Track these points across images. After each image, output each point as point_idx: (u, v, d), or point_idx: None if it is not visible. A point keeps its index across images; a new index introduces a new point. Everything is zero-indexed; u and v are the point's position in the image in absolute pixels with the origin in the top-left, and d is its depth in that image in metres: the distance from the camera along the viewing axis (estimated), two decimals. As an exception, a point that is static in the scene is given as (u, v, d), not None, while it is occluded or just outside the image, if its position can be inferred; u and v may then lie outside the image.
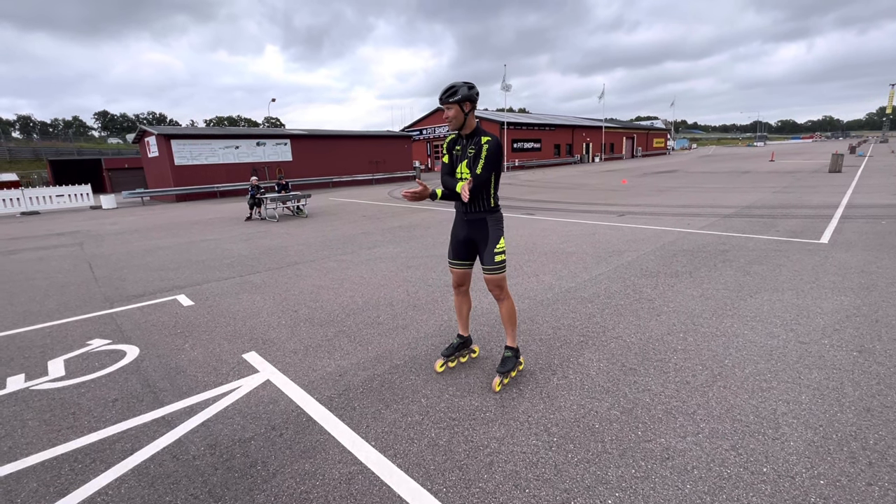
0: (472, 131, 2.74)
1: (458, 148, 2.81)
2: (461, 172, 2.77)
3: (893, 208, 8.99)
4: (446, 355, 3.09)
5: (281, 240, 9.00)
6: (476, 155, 2.67)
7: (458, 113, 2.65)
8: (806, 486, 1.92)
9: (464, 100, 2.62)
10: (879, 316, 3.68)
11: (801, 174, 18.44)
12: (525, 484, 2.00)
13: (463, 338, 3.15)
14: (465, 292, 3.09)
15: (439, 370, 3.05)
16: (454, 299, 3.16)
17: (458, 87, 2.62)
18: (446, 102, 2.63)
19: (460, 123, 2.69)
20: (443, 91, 2.64)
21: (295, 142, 25.62)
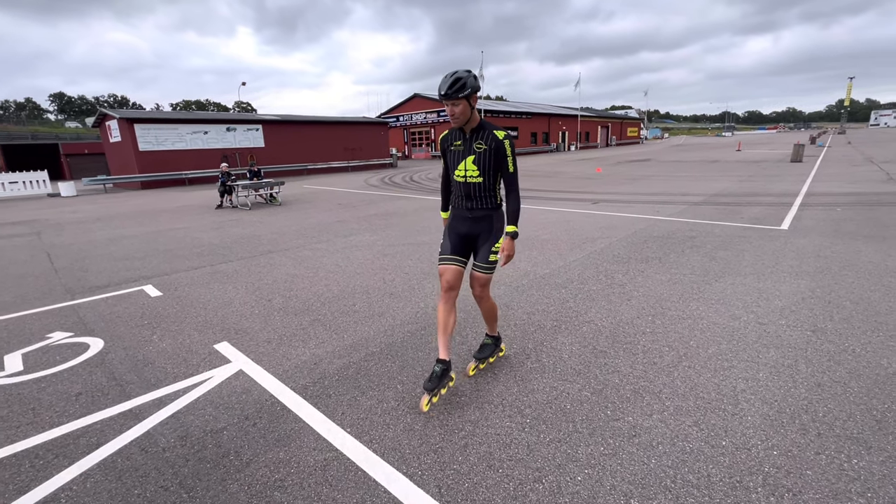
0: (476, 125, 2.48)
1: (458, 143, 2.53)
2: (466, 170, 2.51)
3: (848, 196, 9.47)
4: (430, 389, 2.44)
5: (253, 228, 8.78)
6: (493, 153, 2.44)
7: (465, 108, 2.36)
8: (761, 457, 2.04)
9: (472, 93, 2.34)
10: (832, 298, 3.89)
11: (765, 164, 19.16)
12: (498, 464, 2.05)
13: (445, 363, 2.52)
14: (454, 301, 2.62)
15: (426, 409, 2.46)
16: (440, 309, 2.59)
17: (465, 78, 2.31)
18: (454, 98, 2.30)
19: (467, 119, 2.42)
20: (447, 85, 2.30)
21: (267, 127, 24.87)
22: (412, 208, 10.61)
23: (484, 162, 2.48)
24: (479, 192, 2.55)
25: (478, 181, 2.53)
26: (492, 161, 2.48)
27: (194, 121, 22.71)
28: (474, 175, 2.52)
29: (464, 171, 2.54)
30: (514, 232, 2.54)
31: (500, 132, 2.47)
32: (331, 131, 27.74)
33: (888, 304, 3.71)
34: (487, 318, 2.89)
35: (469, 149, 2.50)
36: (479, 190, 2.54)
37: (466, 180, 2.55)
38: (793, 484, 1.87)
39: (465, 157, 2.51)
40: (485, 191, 2.55)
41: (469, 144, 2.50)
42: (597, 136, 56.28)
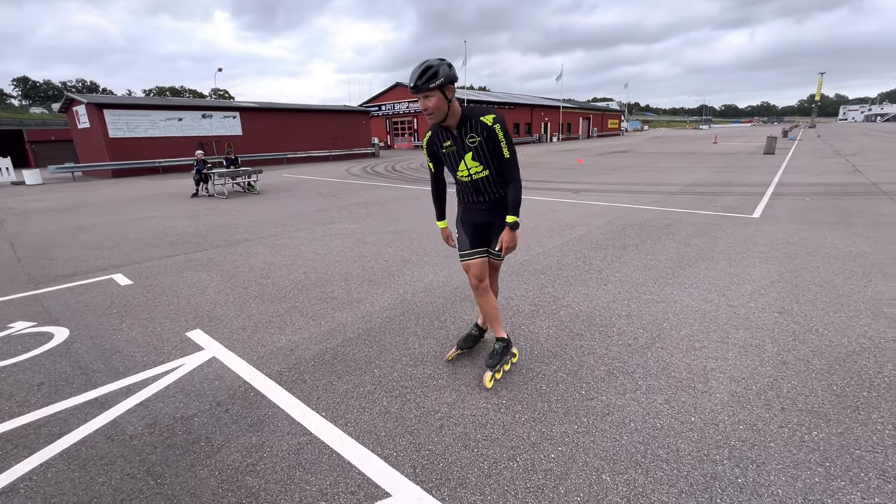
0: (460, 118, 2.25)
1: (448, 143, 2.33)
2: (468, 168, 2.34)
3: (816, 186, 9.79)
4: (492, 366, 2.54)
5: (230, 217, 8.57)
6: (487, 142, 2.25)
7: (440, 101, 2.13)
8: (728, 431, 2.10)
9: (446, 83, 2.10)
10: (798, 281, 4.03)
11: (739, 155, 19.63)
12: (473, 444, 2.06)
13: (504, 340, 2.64)
14: (486, 288, 2.55)
15: (489, 385, 2.50)
16: (478, 302, 2.60)
17: (436, 66, 2.07)
18: (426, 90, 2.08)
19: (444, 113, 2.19)
20: (416, 75, 2.08)
21: (245, 115, 24.22)
22: (393, 197, 10.52)
23: (484, 154, 2.29)
24: (489, 185, 2.39)
25: (484, 175, 2.35)
26: (492, 149, 2.28)
27: (168, 107, 21.95)
28: (479, 170, 2.33)
29: (466, 170, 2.35)
30: (515, 222, 2.33)
31: (487, 117, 2.23)
32: (312, 120, 27.20)
33: (850, 286, 3.86)
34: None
35: (463, 146, 2.29)
36: (487, 183, 2.38)
37: (472, 178, 2.38)
38: (756, 456, 1.93)
39: (463, 156, 2.32)
40: (493, 181, 2.38)
41: (461, 141, 2.29)
42: (578, 128, 56.69)
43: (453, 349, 2.85)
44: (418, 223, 7.25)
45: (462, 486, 1.82)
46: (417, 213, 8.23)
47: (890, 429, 2.07)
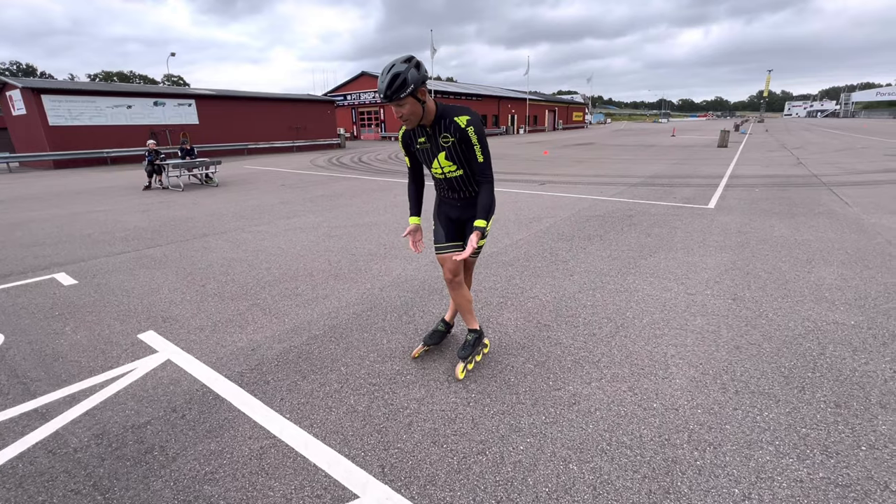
0: (435, 116, 2.18)
1: (423, 140, 2.28)
2: (441, 167, 2.30)
3: (765, 178, 10.35)
4: (464, 357, 2.56)
5: (187, 210, 8.15)
6: (460, 143, 2.18)
7: (413, 106, 2.07)
8: (687, 415, 2.18)
9: (417, 87, 2.02)
10: (750, 269, 4.24)
11: (695, 148, 20.49)
12: (443, 440, 2.05)
13: (477, 331, 2.66)
14: (461, 283, 2.51)
15: (461, 376, 2.52)
16: (451, 295, 2.57)
17: (404, 72, 1.98)
18: (397, 99, 2.01)
19: (420, 117, 2.13)
20: (386, 84, 1.98)
21: (202, 103, 23.02)
22: (360, 189, 10.31)
23: (457, 154, 2.23)
24: (463, 184, 2.36)
25: (458, 174, 2.31)
26: (464, 151, 2.22)
27: (116, 93, 20.52)
28: (452, 170, 2.30)
29: (440, 168, 2.32)
30: (483, 228, 2.22)
31: (461, 118, 2.14)
32: (274, 109, 26.21)
33: (795, 273, 4.10)
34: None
35: (436, 145, 2.24)
36: (462, 182, 2.35)
37: (446, 176, 2.35)
38: (713, 438, 2.02)
39: (437, 155, 2.27)
40: (468, 179, 2.33)
41: (435, 140, 2.23)
42: (545, 120, 57.49)
43: (419, 346, 2.81)
44: (386, 216, 7.14)
45: (431, 483, 1.81)
46: (385, 205, 8.11)
47: (832, 407, 2.22)
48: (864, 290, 3.68)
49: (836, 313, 3.26)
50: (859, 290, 3.68)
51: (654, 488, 1.75)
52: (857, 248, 4.80)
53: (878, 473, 1.79)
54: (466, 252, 2.16)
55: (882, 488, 1.72)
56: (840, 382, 2.42)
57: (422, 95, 2.08)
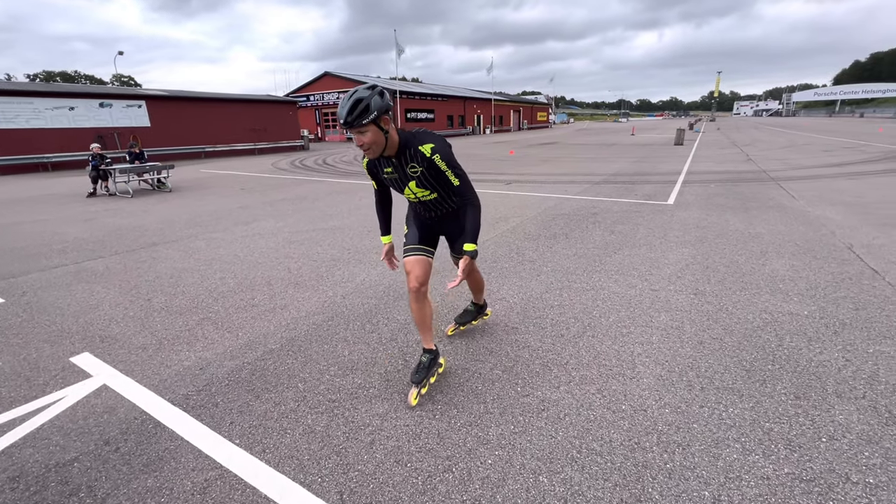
0: (399, 147, 2.06)
1: (389, 170, 2.16)
2: (415, 193, 2.22)
3: (718, 174, 10.79)
4: (418, 381, 2.33)
5: (135, 218, 7.64)
6: (429, 172, 2.10)
7: (375, 135, 1.94)
8: (655, 416, 2.15)
9: (380, 115, 1.91)
10: (709, 263, 4.34)
11: (654, 146, 21.23)
12: (407, 458, 1.93)
13: (432, 352, 2.46)
14: (426, 295, 2.40)
15: (414, 403, 2.29)
16: (413, 308, 2.40)
17: (367, 98, 1.87)
18: (359, 126, 1.90)
19: (382, 147, 2.00)
20: (347, 110, 1.87)
21: (153, 104, 21.84)
22: (324, 192, 10.01)
23: (428, 181, 2.15)
24: (439, 204, 2.31)
25: (433, 198, 2.26)
26: (435, 178, 2.14)
27: (56, 94, 19.16)
28: (426, 195, 2.23)
29: (413, 194, 2.24)
30: (474, 251, 2.12)
31: (425, 147, 2.03)
32: (233, 110, 25.21)
33: (751, 265, 4.23)
34: (474, 290, 2.89)
35: (404, 174, 2.14)
36: (437, 203, 2.30)
37: (421, 200, 2.28)
38: (682, 439, 1.99)
39: (407, 183, 2.18)
40: (444, 200, 2.29)
41: (402, 170, 2.13)
42: (510, 120, 58.23)
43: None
44: (351, 219, 6.93)
45: (394, 507, 1.68)
46: (350, 208, 7.88)
47: (792, 399, 2.25)
48: (814, 280, 3.82)
49: (791, 304, 3.36)
50: (810, 280, 3.82)
51: (625, 497, 1.69)
52: (805, 240, 5.02)
53: (839, 465, 1.81)
54: (457, 281, 2.10)
55: (844, 480, 1.73)
56: (798, 373, 2.46)
57: (385, 124, 1.96)
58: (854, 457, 1.85)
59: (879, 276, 3.85)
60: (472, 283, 2.83)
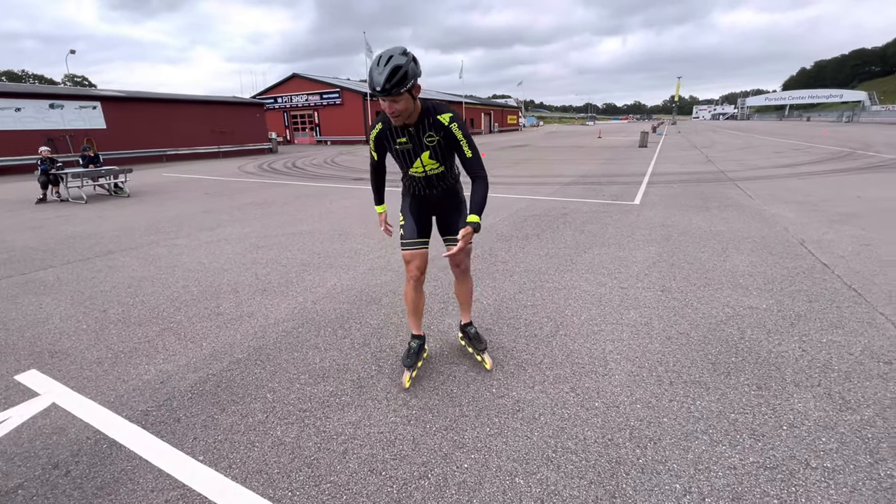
0: (420, 115, 2.09)
1: (403, 140, 2.16)
2: (424, 165, 2.24)
3: (681, 175, 11.22)
4: (410, 365, 2.46)
5: (89, 225, 7.22)
6: (446, 141, 2.14)
7: (408, 103, 1.96)
8: (627, 412, 2.19)
9: (413, 85, 1.92)
10: (674, 260, 4.49)
11: (620, 148, 21.88)
12: (381, 467, 1.88)
13: (420, 338, 2.61)
14: (422, 284, 2.52)
15: (408, 385, 2.42)
16: (409, 295, 2.48)
17: (404, 65, 1.85)
18: (395, 94, 1.88)
19: (409, 112, 2.01)
20: (385, 77, 1.84)
21: (109, 105, 20.77)
22: (293, 195, 9.78)
23: (441, 153, 2.20)
24: (441, 179, 2.35)
25: (439, 171, 2.30)
26: (447, 149, 2.21)
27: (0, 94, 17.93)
28: (434, 167, 2.26)
29: (422, 167, 2.25)
30: (477, 223, 2.08)
31: (443, 116, 2.10)
32: (197, 112, 24.28)
33: (713, 262, 4.39)
34: (466, 300, 2.66)
35: (420, 144, 2.16)
36: (441, 177, 2.34)
37: (427, 174, 2.30)
38: (653, 433, 2.03)
39: (420, 154, 2.19)
40: (446, 175, 2.35)
41: (418, 139, 2.15)
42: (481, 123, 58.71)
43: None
44: (321, 223, 6.79)
45: (369, 518, 1.64)
46: (321, 212, 7.72)
47: (754, 389, 2.33)
48: (771, 274, 4.01)
49: (751, 298, 3.50)
50: (767, 275, 4.00)
51: (600, 494, 1.71)
52: (761, 237, 5.26)
53: (799, 452, 1.89)
54: (459, 246, 2.07)
55: (804, 466, 1.81)
56: (759, 365, 2.57)
57: (416, 92, 1.98)
58: (812, 443, 1.94)
59: (829, 270, 4.08)
60: (466, 289, 2.62)
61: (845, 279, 3.83)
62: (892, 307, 3.26)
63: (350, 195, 9.63)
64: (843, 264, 4.21)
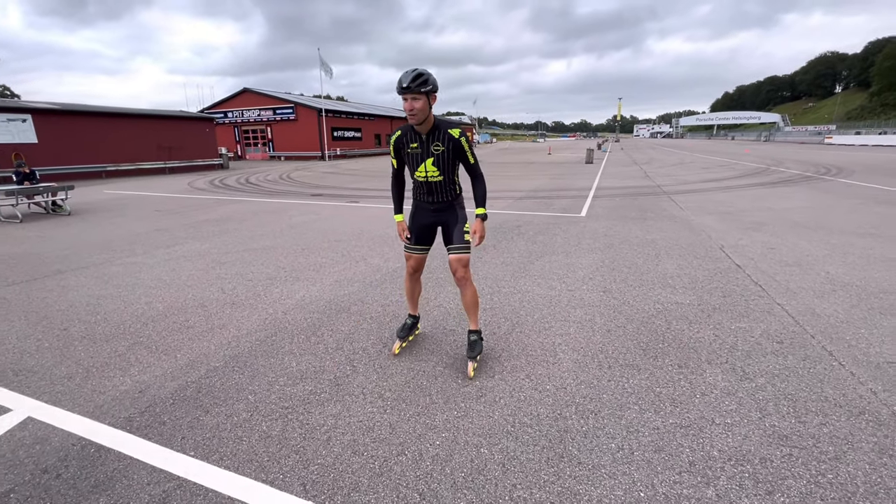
0: (432, 126, 2.53)
1: (415, 146, 2.58)
2: (426, 171, 2.62)
3: (622, 189, 12.20)
4: (402, 336, 3.07)
5: (30, 245, 6.86)
6: (451, 152, 2.56)
7: (425, 105, 2.39)
8: (573, 392, 2.55)
9: (433, 90, 2.38)
10: (615, 265, 5.03)
11: (568, 164, 23.21)
12: (363, 448, 2.12)
13: (415, 317, 3.17)
14: (419, 277, 3.08)
15: (397, 352, 3.01)
16: (407, 284, 3.07)
17: (427, 75, 2.35)
18: (415, 92, 2.32)
19: (425, 117, 2.44)
20: (410, 78, 2.31)
21: (42, 119, 19.43)
22: (250, 211, 9.69)
23: (443, 162, 2.59)
24: (441, 189, 2.70)
25: (438, 180, 2.66)
26: (450, 159, 2.60)
27: None
28: (435, 175, 2.64)
29: (424, 172, 2.64)
30: (484, 214, 2.71)
31: (454, 130, 2.55)
32: (139, 126, 23.17)
33: (647, 266, 4.97)
34: (471, 307, 2.84)
35: (427, 151, 2.56)
36: (440, 187, 2.69)
37: (428, 180, 2.67)
38: (594, 407, 2.40)
39: (425, 160, 2.59)
40: (446, 186, 2.70)
41: (426, 147, 2.56)
42: (437, 140, 59.76)
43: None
44: (283, 238, 6.86)
45: (355, 489, 1.87)
46: (281, 227, 7.77)
47: (676, 368, 2.78)
48: (695, 275, 4.62)
49: (677, 295, 4.05)
50: (691, 275, 4.61)
51: (551, 455, 2.04)
52: (689, 243, 5.97)
53: (707, 413, 2.32)
54: (479, 235, 2.67)
55: (710, 423, 2.24)
56: (681, 348, 3.04)
57: (433, 101, 2.45)
58: (718, 405, 2.38)
59: (741, 270, 4.75)
60: (469, 296, 2.82)
61: (753, 277, 4.50)
62: (786, 298, 3.90)
63: (310, 210, 9.70)
64: (752, 265, 4.91)
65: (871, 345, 3.03)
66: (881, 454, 1.99)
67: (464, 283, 2.81)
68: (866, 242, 5.79)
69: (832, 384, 2.57)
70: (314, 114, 34.93)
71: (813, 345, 3.06)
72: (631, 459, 2.01)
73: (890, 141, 39.78)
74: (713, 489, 1.83)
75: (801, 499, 1.77)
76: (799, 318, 3.50)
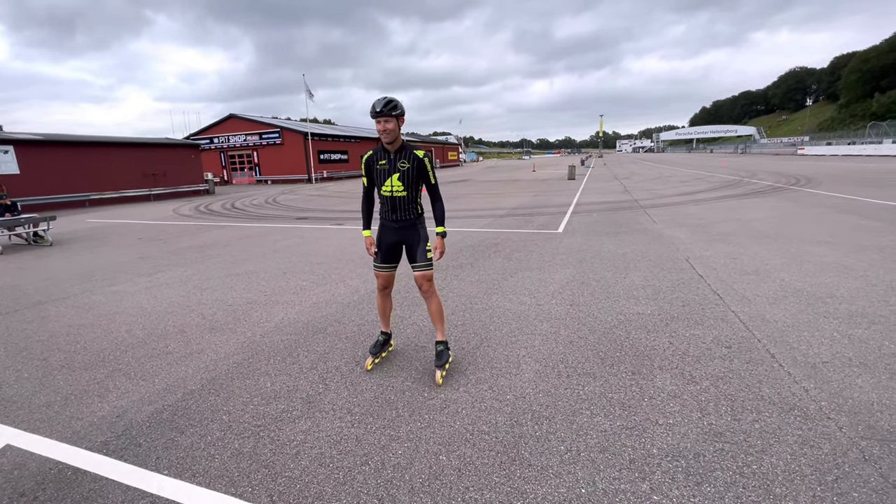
0: (400, 146, 2.90)
1: (384, 162, 2.91)
2: (392, 186, 2.91)
3: (601, 205, 12.58)
4: (375, 353, 3.25)
5: (10, 277, 6.88)
6: (415, 170, 2.89)
7: (395, 126, 2.79)
8: (531, 400, 2.72)
9: (401, 114, 2.81)
10: (585, 279, 5.25)
11: (551, 181, 23.75)
12: (329, 461, 2.25)
13: (387, 334, 3.37)
14: (389, 294, 3.29)
15: (369, 368, 3.19)
16: (378, 301, 3.29)
17: (396, 101, 2.78)
18: (387, 115, 2.74)
19: (395, 137, 2.84)
20: (383, 103, 2.74)
21: (24, 150, 19.44)
22: (234, 237, 9.80)
23: (408, 178, 2.90)
24: (405, 205, 2.97)
25: (403, 195, 2.94)
26: (414, 177, 2.92)
27: None
28: (399, 190, 2.92)
29: (390, 186, 2.93)
30: (444, 232, 3.06)
31: (419, 152, 2.92)
32: (123, 154, 23.25)
33: (615, 279, 5.20)
34: (436, 318, 3.12)
35: (394, 167, 2.89)
36: (404, 202, 2.96)
37: (393, 195, 2.94)
38: (549, 413, 2.57)
39: (391, 175, 2.91)
40: (409, 203, 2.98)
41: (394, 163, 2.89)
42: (424, 160, 60.60)
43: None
44: (266, 262, 6.98)
45: (319, 499, 2.00)
46: (264, 251, 7.89)
47: (630, 375, 2.97)
48: (659, 286, 4.85)
49: (640, 306, 4.26)
50: (655, 287, 4.84)
51: (504, 459, 2.19)
52: (658, 256, 6.23)
53: (652, 415, 2.50)
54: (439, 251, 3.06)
55: (654, 424, 2.42)
56: (637, 356, 3.23)
57: (401, 123, 2.86)
58: (663, 408, 2.57)
59: (703, 280, 5.00)
60: (434, 307, 3.09)
61: (713, 286, 4.75)
62: (741, 305, 4.14)
63: (294, 234, 9.84)
64: (714, 275, 5.17)
65: (811, 346, 3.26)
66: (803, 445, 2.19)
67: (429, 296, 3.09)
68: (821, 250, 6.12)
69: (770, 384, 2.78)
70: (300, 137, 35.31)
71: (758, 348, 3.27)
72: (577, 460, 2.17)
73: (859, 151, 41.44)
74: (648, 483, 1.99)
75: (725, 488, 1.94)
76: (749, 323, 3.73)
